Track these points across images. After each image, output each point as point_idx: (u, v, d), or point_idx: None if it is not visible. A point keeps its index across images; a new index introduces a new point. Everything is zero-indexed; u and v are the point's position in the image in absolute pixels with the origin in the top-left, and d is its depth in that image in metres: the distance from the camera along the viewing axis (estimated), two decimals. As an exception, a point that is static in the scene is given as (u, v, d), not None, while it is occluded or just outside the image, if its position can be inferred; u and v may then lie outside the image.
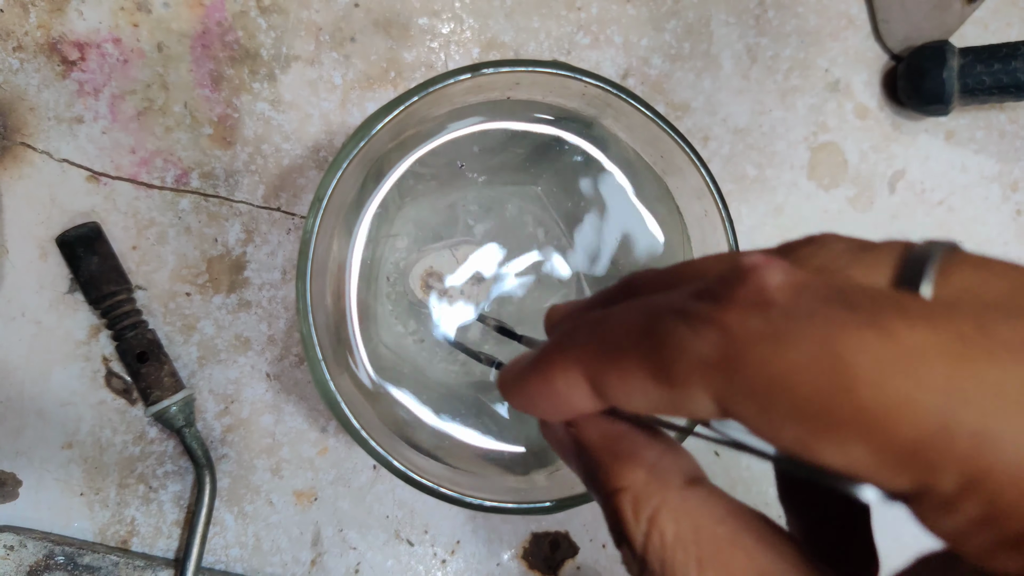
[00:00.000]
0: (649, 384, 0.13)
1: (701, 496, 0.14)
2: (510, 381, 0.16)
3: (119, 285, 0.33)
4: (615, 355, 0.13)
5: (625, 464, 0.15)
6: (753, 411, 0.11)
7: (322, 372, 0.23)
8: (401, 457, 0.23)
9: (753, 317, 0.12)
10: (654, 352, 0.13)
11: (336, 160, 0.24)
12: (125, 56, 0.34)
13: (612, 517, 0.15)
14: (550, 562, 0.37)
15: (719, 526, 0.14)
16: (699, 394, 0.12)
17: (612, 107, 0.25)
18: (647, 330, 0.13)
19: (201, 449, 0.34)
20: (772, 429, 0.11)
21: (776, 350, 0.11)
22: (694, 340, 0.12)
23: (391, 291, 0.31)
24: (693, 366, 0.12)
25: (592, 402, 0.14)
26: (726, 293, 0.12)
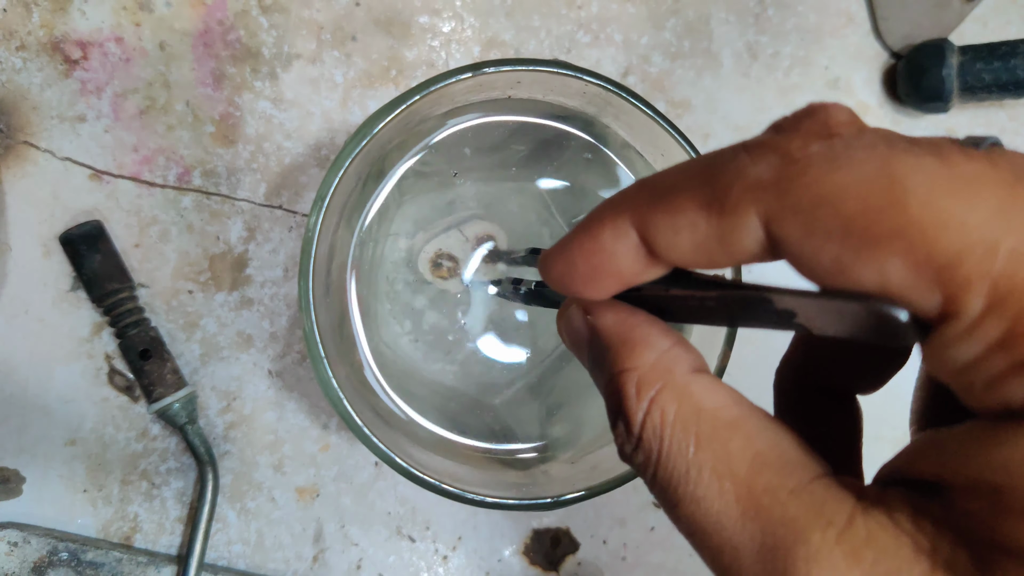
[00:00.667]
0: (700, 217, 0.13)
1: (704, 382, 0.14)
2: (553, 250, 0.16)
3: (121, 283, 0.33)
4: (667, 194, 0.13)
5: (635, 348, 0.15)
6: (799, 230, 0.12)
7: (325, 369, 0.24)
8: (403, 453, 0.24)
9: (815, 143, 0.12)
10: (709, 181, 0.13)
11: (338, 159, 0.24)
12: (127, 55, 0.34)
13: (613, 396, 0.15)
14: (551, 558, 0.37)
15: (720, 411, 0.14)
16: (749, 219, 0.12)
17: (612, 105, 0.25)
18: (705, 166, 0.13)
19: (204, 446, 0.34)
20: (814, 248, 0.11)
21: (832, 168, 0.11)
22: (752, 165, 0.12)
23: (390, 290, 0.31)
24: (747, 187, 0.12)
25: (637, 256, 0.14)
26: (792, 125, 0.13)
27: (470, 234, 0.30)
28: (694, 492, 0.13)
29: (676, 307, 0.15)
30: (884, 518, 0.12)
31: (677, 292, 0.15)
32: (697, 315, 0.15)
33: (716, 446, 0.13)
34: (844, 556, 0.12)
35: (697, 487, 0.13)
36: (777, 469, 0.13)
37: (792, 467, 0.13)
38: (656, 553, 0.38)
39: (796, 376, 0.18)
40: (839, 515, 0.12)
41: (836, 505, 0.12)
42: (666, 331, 0.15)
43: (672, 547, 0.38)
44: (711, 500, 0.13)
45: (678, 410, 0.14)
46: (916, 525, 0.12)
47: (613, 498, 0.37)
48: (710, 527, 0.13)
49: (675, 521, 0.14)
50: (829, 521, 0.12)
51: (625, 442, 0.14)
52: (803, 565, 0.12)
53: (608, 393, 0.15)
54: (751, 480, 0.13)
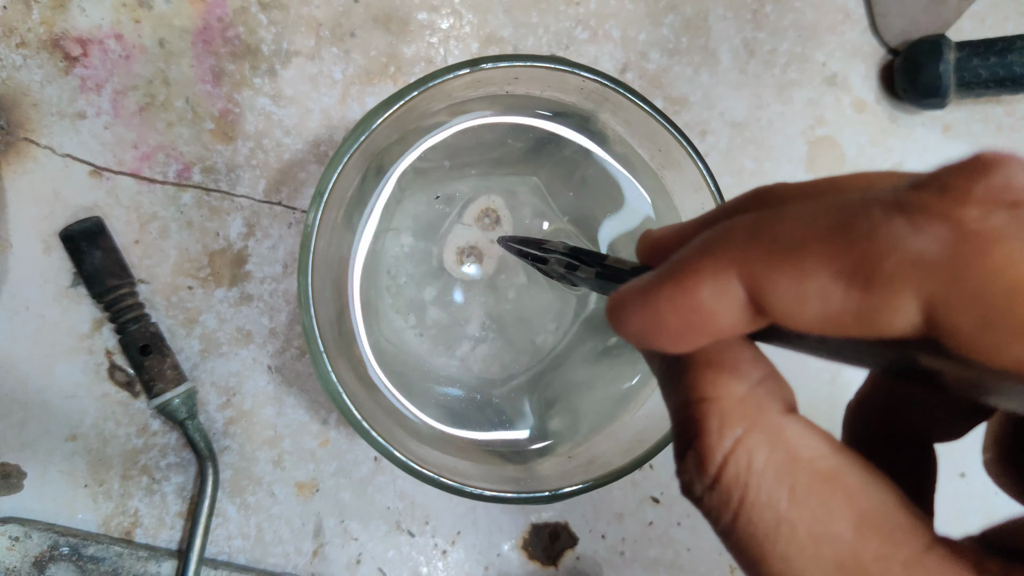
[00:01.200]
0: (836, 287, 0.11)
1: (801, 426, 0.13)
2: (629, 296, 0.13)
3: (122, 279, 0.33)
4: (791, 252, 0.11)
5: (721, 374, 0.13)
6: (975, 321, 0.10)
7: (324, 365, 0.24)
8: (402, 448, 0.24)
9: (998, 214, 0.10)
10: (851, 247, 0.11)
11: (337, 154, 0.24)
12: (127, 52, 0.34)
13: (687, 426, 0.13)
14: (550, 553, 0.37)
15: (818, 461, 0.12)
16: (905, 300, 0.10)
17: (610, 101, 0.26)
18: (843, 223, 0.11)
19: (204, 441, 0.34)
20: (993, 344, 0.10)
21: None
22: (914, 235, 0.10)
23: (391, 284, 0.31)
24: (906, 264, 0.10)
25: (742, 317, 0.12)
26: (961, 185, 0.10)
27: (470, 219, 0.30)
28: (784, 551, 0.12)
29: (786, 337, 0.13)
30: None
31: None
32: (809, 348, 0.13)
33: (814, 503, 0.12)
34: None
35: (789, 546, 0.12)
36: (886, 535, 0.12)
37: (902, 533, 0.12)
38: (654, 548, 0.38)
39: (869, 415, 0.16)
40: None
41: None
42: (759, 358, 0.13)
43: (670, 542, 0.38)
44: (805, 563, 0.12)
45: (769, 456, 0.12)
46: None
47: (611, 493, 0.38)
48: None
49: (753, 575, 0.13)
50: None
51: (695, 480, 0.13)
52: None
53: (680, 420, 0.13)
54: (857, 546, 0.11)
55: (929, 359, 0.11)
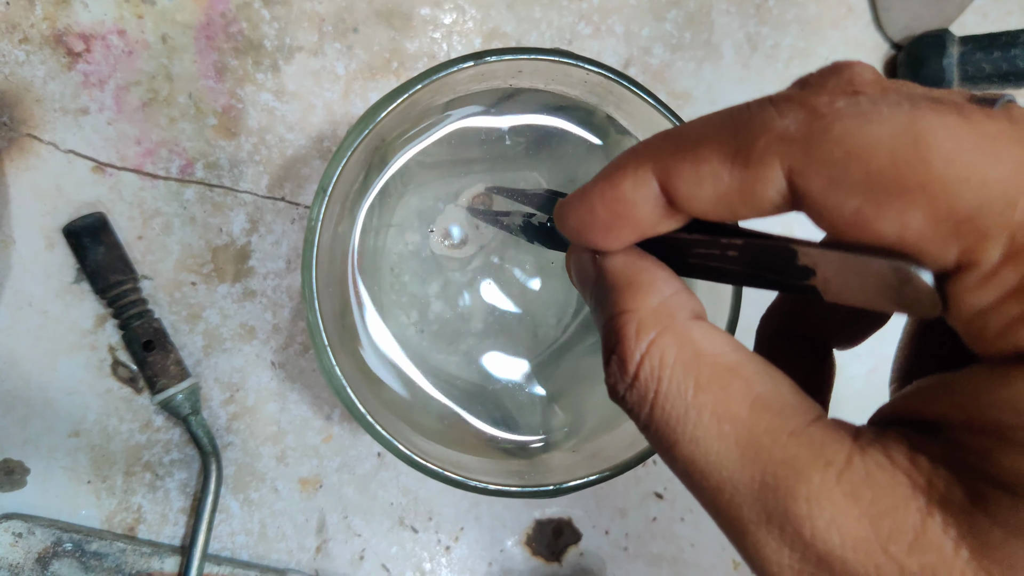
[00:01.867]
0: (724, 168, 0.13)
1: (705, 328, 0.15)
2: (570, 198, 0.16)
3: (125, 275, 0.33)
4: (692, 144, 0.14)
5: (639, 291, 0.15)
6: (823, 183, 0.12)
7: (328, 359, 0.24)
8: (406, 442, 0.24)
9: (841, 99, 0.12)
10: (735, 133, 0.13)
11: (340, 149, 0.24)
12: (130, 48, 0.34)
13: (611, 336, 0.15)
14: (553, 548, 0.37)
15: (720, 356, 0.14)
16: (772, 171, 0.12)
17: (614, 95, 0.25)
18: (730, 118, 0.13)
19: (207, 437, 0.34)
20: (837, 200, 0.12)
21: (860, 124, 0.12)
22: (779, 118, 0.13)
23: (395, 281, 0.31)
24: (773, 140, 0.12)
25: (657, 206, 0.14)
26: (818, 82, 0.13)
27: (463, 201, 0.30)
28: (693, 432, 0.13)
29: (694, 255, 0.15)
30: (881, 457, 0.12)
31: (700, 237, 0.15)
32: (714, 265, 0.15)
33: (716, 389, 0.14)
34: (844, 495, 0.12)
35: (696, 428, 0.13)
36: (777, 412, 0.13)
37: (791, 410, 0.13)
38: (657, 543, 0.38)
39: (780, 325, 0.19)
40: (838, 455, 0.12)
41: (835, 446, 0.13)
42: (672, 278, 0.15)
43: (673, 537, 0.38)
44: (710, 440, 0.13)
45: (678, 353, 0.14)
46: (913, 463, 0.12)
47: (615, 489, 0.37)
48: (709, 467, 0.13)
49: (671, 462, 0.14)
50: (828, 461, 0.12)
51: (618, 381, 0.15)
52: (803, 504, 0.12)
53: (606, 332, 0.15)
54: (751, 422, 0.13)
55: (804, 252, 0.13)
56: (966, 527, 0.11)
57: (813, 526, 0.12)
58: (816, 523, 0.12)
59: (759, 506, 0.13)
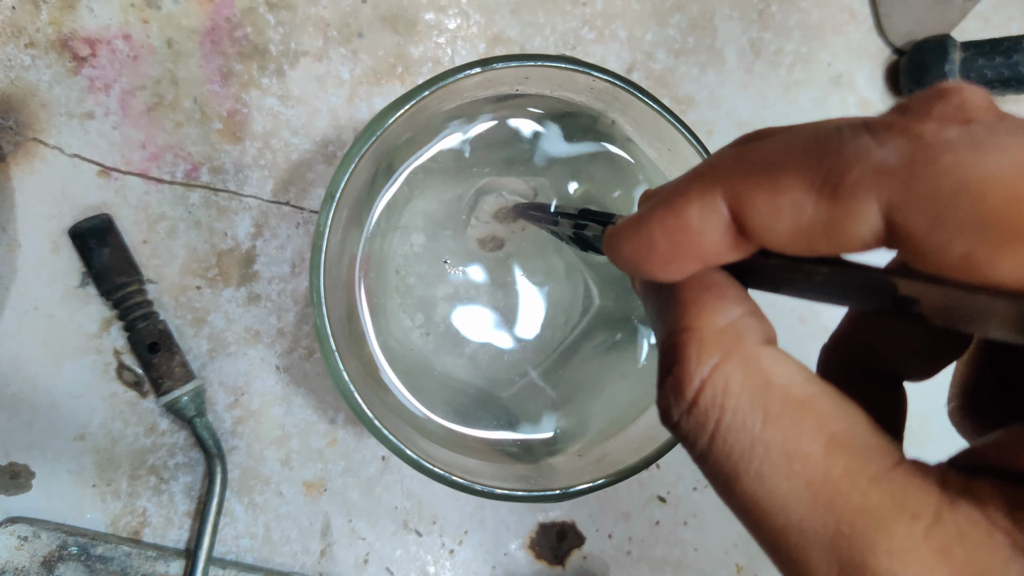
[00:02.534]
0: (807, 199, 0.12)
1: (775, 356, 0.13)
2: (624, 226, 0.14)
3: (130, 276, 0.33)
4: (770, 169, 0.12)
5: (704, 308, 0.14)
6: (928, 221, 0.11)
7: (336, 362, 0.24)
8: (412, 446, 0.24)
9: (951, 129, 0.11)
10: (822, 160, 0.12)
11: (348, 155, 0.25)
12: (135, 52, 0.34)
13: (669, 354, 0.14)
14: (557, 552, 0.37)
15: (792, 387, 0.13)
16: (866, 205, 0.11)
17: (619, 101, 0.26)
18: (816, 142, 0.12)
19: (212, 439, 0.34)
20: (944, 241, 0.11)
21: (972, 156, 0.11)
22: (877, 148, 0.11)
23: (400, 284, 0.31)
24: (868, 173, 0.11)
25: (726, 236, 0.13)
26: (922, 108, 0.12)
27: (485, 216, 0.30)
28: (758, 469, 0.12)
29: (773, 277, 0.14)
30: (975, 512, 0.11)
31: (779, 262, 0.14)
32: (794, 287, 0.14)
33: (787, 423, 0.12)
34: (933, 552, 0.11)
35: (764, 464, 0.12)
36: (855, 453, 0.12)
37: (871, 451, 0.12)
38: (660, 547, 0.38)
39: (844, 354, 0.17)
40: (926, 507, 0.11)
41: (921, 496, 0.12)
42: (744, 297, 0.14)
43: (676, 542, 0.38)
44: (778, 480, 0.12)
45: (745, 381, 0.13)
46: (1012, 520, 0.11)
47: (618, 493, 0.38)
48: (775, 508, 0.12)
49: (728, 496, 0.13)
50: (915, 514, 0.11)
51: (673, 406, 0.13)
52: (885, 559, 0.11)
53: (664, 349, 0.14)
54: (827, 463, 0.12)
55: (906, 285, 0.12)
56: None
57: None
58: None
59: (831, 556, 0.12)
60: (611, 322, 0.31)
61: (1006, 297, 0.11)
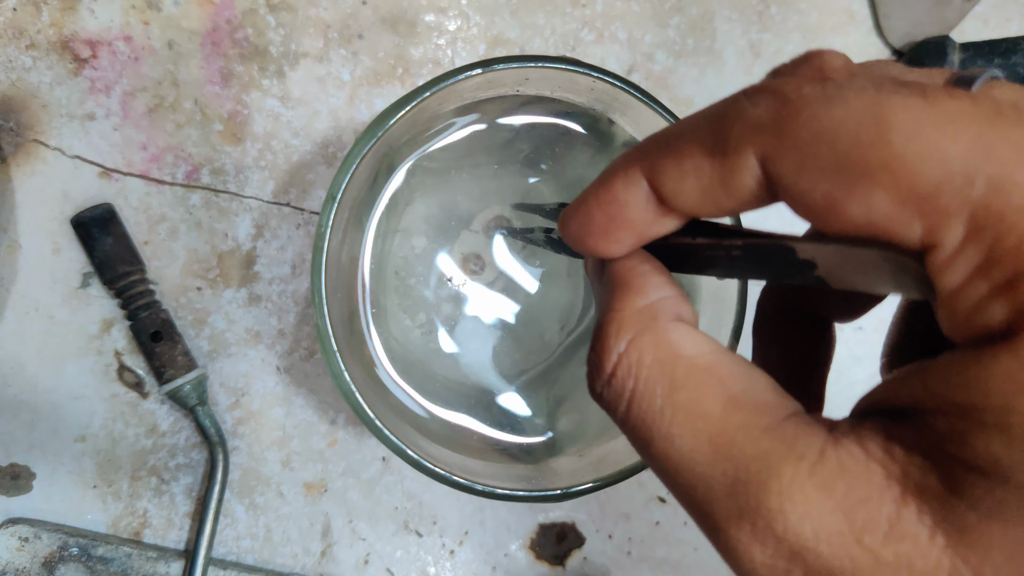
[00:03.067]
0: (704, 161, 0.13)
1: (684, 330, 0.15)
2: (571, 206, 0.16)
3: (133, 266, 0.33)
4: (674, 141, 0.14)
5: (627, 293, 0.15)
6: (794, 167, 0.12)
7: (338, 364, 0.24)
8: (413, 446, 0.24)
9: (809, 86, 0.13)
10: (712, 127, 0.13)
11: (349, 156, 0.25)
12: (136, 54, 0.34)
13: (596, 333, 0.15)
14: (557, 552, 0.37)
15: (697, 357, 0.14)
16: (748, 159, 0.13)
17: (619, 101, 0.26)
18: (710, 113, 0.14)
19: (214, 427, 0.34)
20: (807, 185, 0.12)
21: (825, 108, 0.12)
22: (752, 107, 0.13)
23: (399, 284, 0.31)
24: (746, 128, 0.13)
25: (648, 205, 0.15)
26: (789, 70, 0.14)
27: (478, 227, 0.30)
28: (668, 430, 0.14)
29: (698, 257, 0.16)
30: (855, 448, 0.12)
31: (703, 241, 0.15)
32: (718, 265, 0.16)
33: (691, 388, 0.14)
34: (816, 488, 0.12)
35: (671, 426, 0.14)
36: (751, 409, 0.13)
37: (766, 407, 0.13)
38: (660, 548, 0.38)
39: (779, 298, 0.19)
40: (811, 449, 0.13)
41: (808, 439, 0.13)
42: (666, 282, 0.16)
43: (676, 542, 0.38)
44: (684, 438, 0.14)
45: (656, 353, 0.14)
46: (888, 453, 0.12)
47: (618, 493, 0.38)
48: (683, 464, 0.14)
49: (648, 459, 0.14)
50: (801, 455, 0.12)
51: (596, 378, 0.15)
52: (775, 498, 0.12)
53: (594, 331, 0.16)
54: (724, 419, 0.13)
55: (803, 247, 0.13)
56: (941, 514, 0.11)
57: (786, 520, 0.12)
58: (789, 517, 0.12)
59: (732, 502, 0.13)
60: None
61: (876, 247, 0.12)
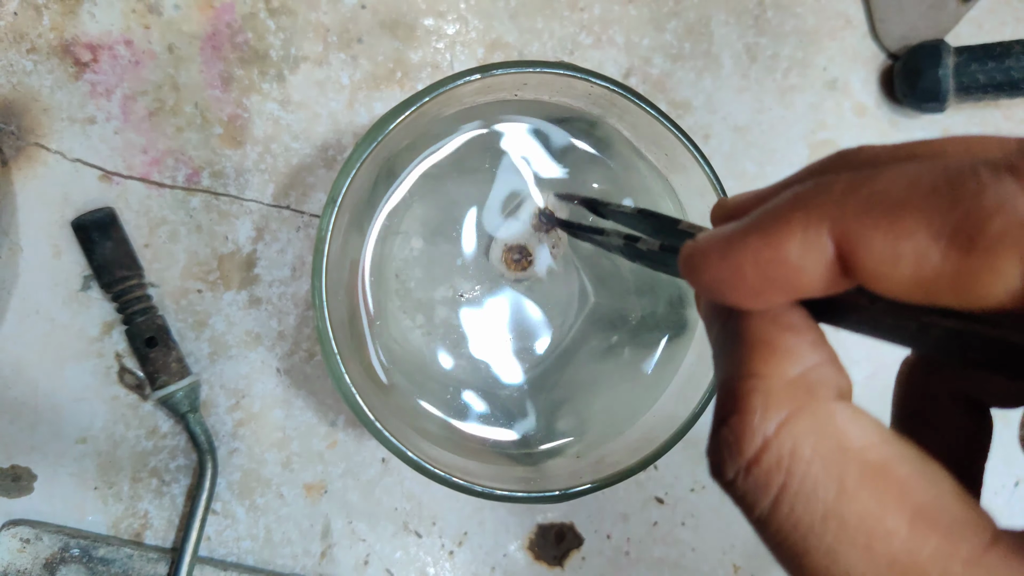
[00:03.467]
0: (934, 247, 0.10)
1: (851, 414, 0.12)
2: (708, 246, 0.13)
3: (131, 270, 0.33)
4: (891, 209, 0.11)
5: (774, 355, 0.12)
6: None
7: (338, 365, 0.24)
8: (414, 447, 0.24)
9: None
10: (955, 206, 0.10)
11: (349, 160, 0.25)
12: (137, 57, 0.35)
13: (728, 401, 0.12)
14: (555, 553, 0.38)
15: (869, 450, 0.11)
16: (1007, 263, 0.10)
17: (617, 106, 0.26)
18: (947, 182, 0.11)
19: (204, 435, 0.34)
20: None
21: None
22: (1017, 198, 0.10)
23: (399, 287, 0.32)
24: (1013, 226, 0.10)
25: (826, 276, 0.12)
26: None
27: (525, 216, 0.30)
28: (831, 546, 0.11)
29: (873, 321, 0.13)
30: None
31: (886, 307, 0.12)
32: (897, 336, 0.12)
33: (865, 496, 0.11)
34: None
35: (837, 541, 0.11)
36: (944, 531, 0.11)
37: (962, 528, 0.11)
38: (659, 548, 0.38)
39: (925, 377, 0.15)
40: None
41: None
42: (820, 342, 0.13)
43: (674, 542, 0.38)
44: (855, 560, 0.11)
45: (817, 444, 0.11)
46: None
47: (616, 494, 0.38)
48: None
49: (793, 570, 0.12)
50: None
51: (727, 461, 0.12)
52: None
53: (723, 393, 0.13)
54: (912, 543, 0.11)
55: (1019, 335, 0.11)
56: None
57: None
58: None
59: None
60: (607, 322, 0.32)
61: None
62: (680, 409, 0.26)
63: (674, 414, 0.26)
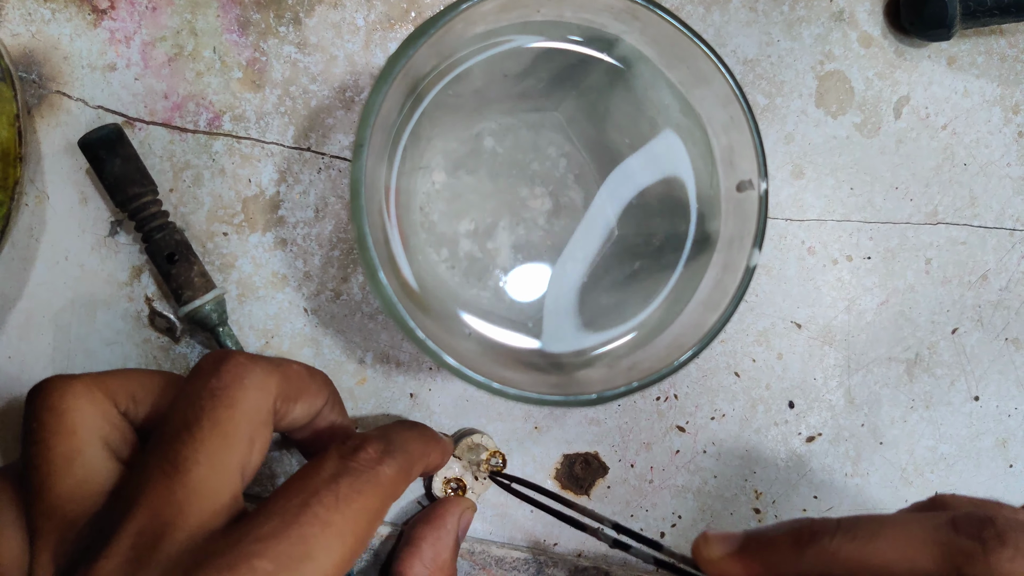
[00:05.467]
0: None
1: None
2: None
3: (144, 187, 0.33)
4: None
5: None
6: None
7: (380, 279, 0.25)
8: (453, 352, 0.25)
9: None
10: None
11: (378, 82, 0.25)
12: (154, 4, 0.35)
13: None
14: (581, 482, 0.38)
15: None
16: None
17: (639, 20, 0.26)
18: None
19: (236, 347, 0.35)
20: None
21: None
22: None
23: (424, 220, 0.32)
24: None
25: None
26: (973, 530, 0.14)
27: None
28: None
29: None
30: None
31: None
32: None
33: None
34: None
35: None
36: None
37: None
38: (681, 475, 0.39)
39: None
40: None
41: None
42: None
43: (697, 469, 0.39)
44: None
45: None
46: None
47: (638, 423, 0.39)
48: None
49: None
50: None
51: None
52: None
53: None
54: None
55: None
56: None
57: None
58: None
59: None
60: (630, 251, 0.32)
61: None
62: (707, 317, 0.27)
63: (700, 322, 0.27)
